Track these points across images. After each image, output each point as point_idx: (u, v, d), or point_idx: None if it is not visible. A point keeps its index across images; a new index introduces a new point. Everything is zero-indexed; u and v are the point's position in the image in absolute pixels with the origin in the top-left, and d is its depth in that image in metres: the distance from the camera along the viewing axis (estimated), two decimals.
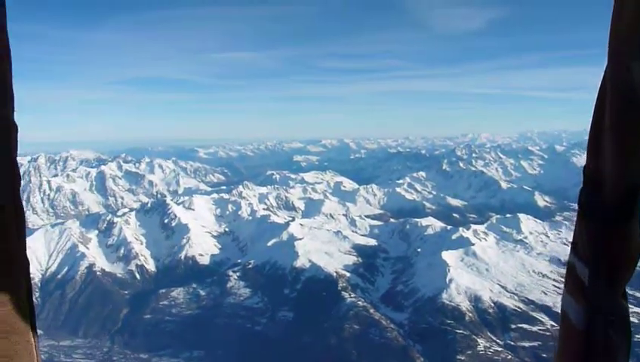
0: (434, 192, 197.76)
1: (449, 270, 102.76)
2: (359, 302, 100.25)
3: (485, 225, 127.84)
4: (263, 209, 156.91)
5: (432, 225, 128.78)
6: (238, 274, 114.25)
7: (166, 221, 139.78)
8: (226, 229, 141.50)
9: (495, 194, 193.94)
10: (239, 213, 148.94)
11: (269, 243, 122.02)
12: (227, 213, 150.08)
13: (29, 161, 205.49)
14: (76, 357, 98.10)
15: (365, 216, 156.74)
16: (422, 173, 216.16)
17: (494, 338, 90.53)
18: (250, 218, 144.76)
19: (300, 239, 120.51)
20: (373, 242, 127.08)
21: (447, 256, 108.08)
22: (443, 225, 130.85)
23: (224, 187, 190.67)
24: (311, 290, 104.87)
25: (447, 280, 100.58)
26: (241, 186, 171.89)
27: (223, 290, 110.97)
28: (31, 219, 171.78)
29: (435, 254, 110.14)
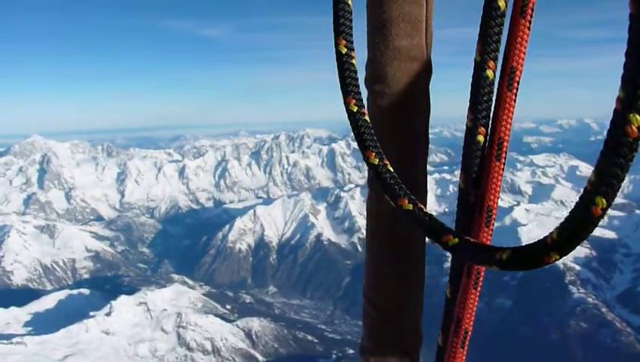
0: None
1: None
2: (589, 299, 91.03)
3: None
4: None
5: None
6: None
7: None
8: (446, 210, 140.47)
9: None
10: None
11: None
12: (448, 193, 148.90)
13: (272, 139, 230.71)
14: (303, 316, 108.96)
15: None
16: None
17: None
18: None
19: (525, 225, 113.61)
20: (611, 235, 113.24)
21: None
22: None
23: (446, 167, 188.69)
24: (533, 280, 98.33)
25: None
26: None
27: (440, 270, 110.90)
28: (272, 190, 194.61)
29: None
